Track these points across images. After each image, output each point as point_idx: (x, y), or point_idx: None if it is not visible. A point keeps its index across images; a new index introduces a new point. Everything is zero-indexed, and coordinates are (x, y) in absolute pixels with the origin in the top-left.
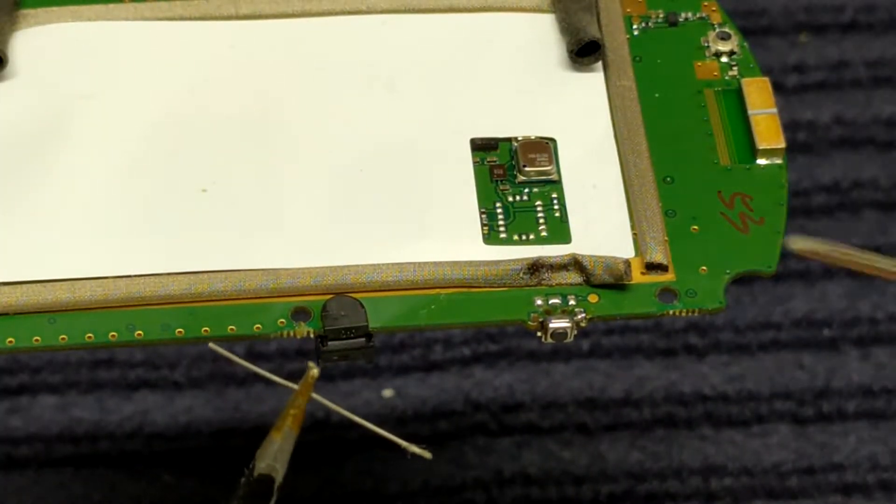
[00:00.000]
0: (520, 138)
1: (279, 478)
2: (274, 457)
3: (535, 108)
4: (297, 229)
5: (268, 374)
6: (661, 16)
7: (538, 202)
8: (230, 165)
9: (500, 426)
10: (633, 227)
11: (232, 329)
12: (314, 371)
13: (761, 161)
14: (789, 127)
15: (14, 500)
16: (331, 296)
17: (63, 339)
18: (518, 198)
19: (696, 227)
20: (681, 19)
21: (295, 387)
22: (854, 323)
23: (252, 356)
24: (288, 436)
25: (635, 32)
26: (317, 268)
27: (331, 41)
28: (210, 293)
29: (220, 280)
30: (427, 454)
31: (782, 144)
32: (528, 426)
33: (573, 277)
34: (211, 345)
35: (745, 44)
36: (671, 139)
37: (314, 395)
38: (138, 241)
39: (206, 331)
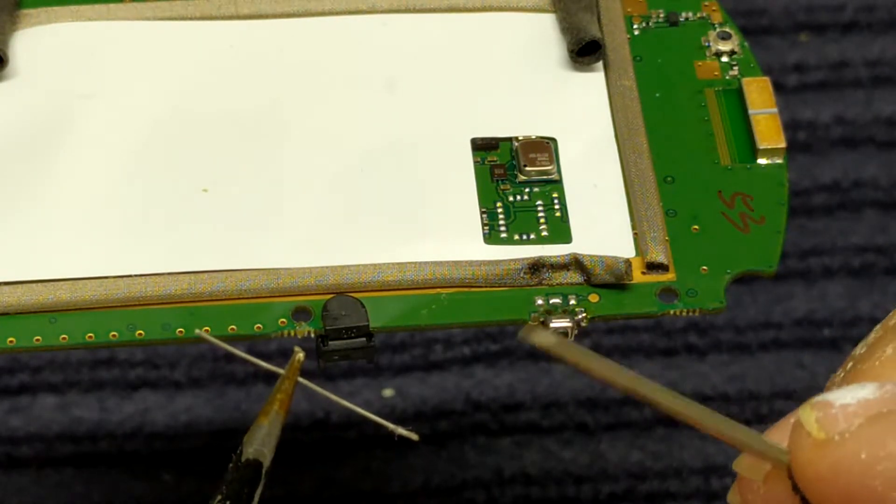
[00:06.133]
0: (520, 138)
1: (267, 462)
2: (262, 441)
3: (536, 107)
4: (297, 229)
5: (253, 359)
6: (662, 15)
7: (539, 202)
8: (231, 165)
9: (501, 426)
10: (633, 227)
11: (233, 329)
12: (300, 355)
13: (762, 161)
14: (789, 126)
15: (14, 499)
16: (332, 295)
17: (64, 338)
18: (519, 197)
19: (696, 226)
20: (681, 19)
21: (281, 371)
22: (854, 323)
23: (252, 356)
24: (275, 420)
25: (636, 32)
26: (318, 267)
27: (331, 41)
28: (211, 293)
29: (220, 280)
30: (414, 436)
31: (783, 144)
32: (528, 426)
33: (574, 277)
34: (197, 331)
35: (746, 43)
36: (672, 139)
37: (301, 380)
38: (139, 240)
39: (206, 330)
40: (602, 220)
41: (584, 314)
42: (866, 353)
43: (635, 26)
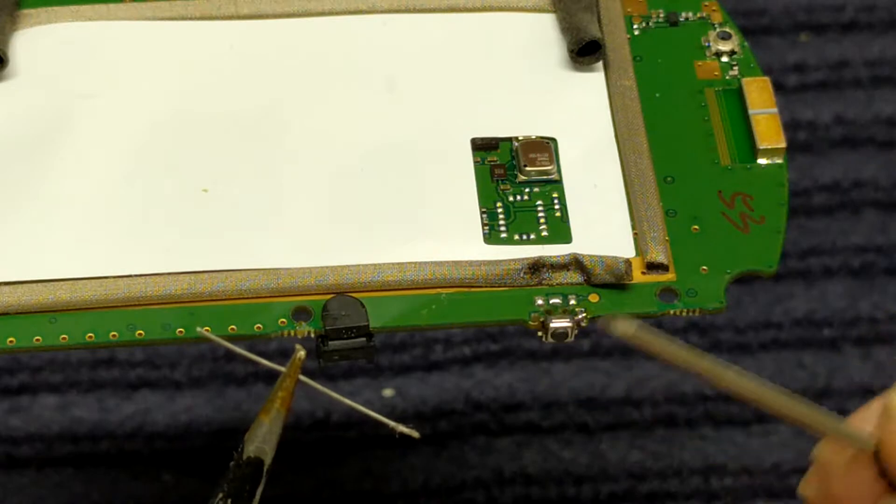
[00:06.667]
0: (520, 138)
1: (268, 460)
2: (263, 439)
3: (536, 107)
4: (298, 229)
5: (254, 357)
6: (662, 15)
7: (539, 202)
8: (231, 165)
9: (501, 426)
10: (633, 227)
11: (233, 329)
12: (301, 353)
13: (762, 161)
14: (789, 126)
15: (14, 499)
16: (332, 295)
17: (64, 338)
18: (519, 197)
19: (696, 226)
20: (681, 19)
21: (282, 369)
22: (854, 323)
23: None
24: (276, 418)
25: (636, 32)
26: (318, 267)
27: (331, 41)
28: (211, 293)
29: (220, 280)
30: (415, 433)
31: (783, 144)
32: (528, 426)
33: (574, 277)
34: (198, 329)
35: (746, 43)
36: (672, 139)
37: (302, 378)
38: (139, 240)
39: (207, 330)
40: (602, 220)
41: (584, 314)
42: None
43: (635, 26)
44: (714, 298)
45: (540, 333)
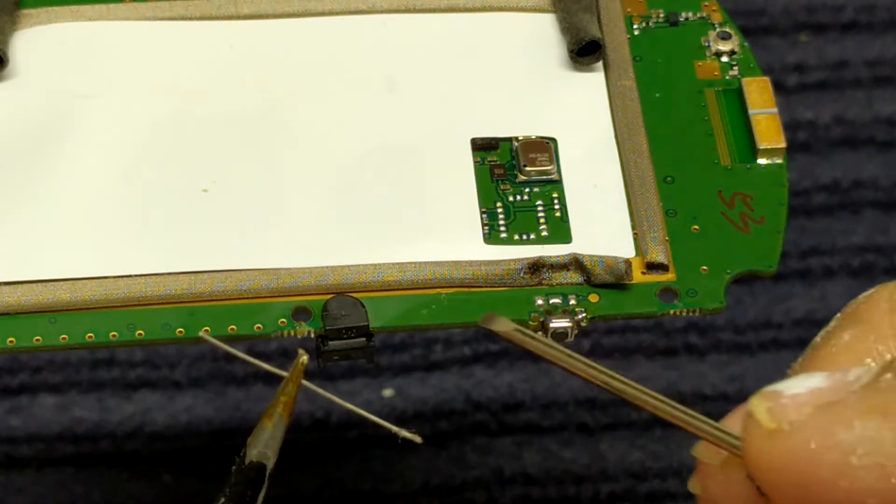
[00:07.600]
0: (520, 138)
1: (270, 465)
2: (265, 444)
3: (536, 107)
4: (297, 229)
5: (256, 361)
6: (662, 15)
7: (539, 202)
8: (231, 165)
9: (501, 426)
10: (633, 227)
11: (232, 329)
12: (304, 357)
13: (762, 161)
14: (789, 126)
15: (14, 499)
16: (331, 295)
17: (64, 338)
18: (518, 197)
19: (696, 226)
20: (681, 19)
21: (285, 374)
22: None
23: (252, 356)
24: (279, 423)
25: (636, 32)
26: (318, 267)
27: (331, 41)
28: (211, 293)
29: (220, 280)
30: (417, 438)
31: (783, 144)
32: (528, 426)
33: (574, 277)
34: (201, 333)
35: (746, 43)
36: (672, 139)
37: (304, 382)
38: (139, 240)
39: (206, 330)
40: (602, 220)
41: (584, 314)
42: (823, 341)
43: (635, 26)
44: (714, 298)
45: (540, 333)
